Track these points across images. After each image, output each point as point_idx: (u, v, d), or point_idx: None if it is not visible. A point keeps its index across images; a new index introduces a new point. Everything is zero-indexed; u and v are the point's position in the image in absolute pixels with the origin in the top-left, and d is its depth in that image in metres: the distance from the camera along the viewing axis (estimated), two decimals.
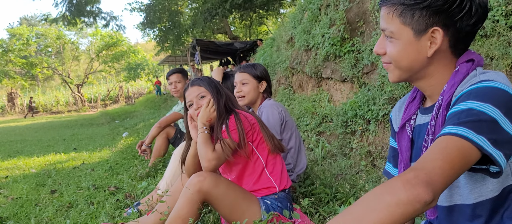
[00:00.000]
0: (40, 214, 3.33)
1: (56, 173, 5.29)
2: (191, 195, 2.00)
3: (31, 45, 36.53)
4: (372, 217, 0.92)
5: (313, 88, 6.13)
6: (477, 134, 0.97)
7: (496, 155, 0.97)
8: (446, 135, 1.01)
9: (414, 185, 0.90)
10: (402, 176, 0.93)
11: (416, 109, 1.34)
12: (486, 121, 0.98)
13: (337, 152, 4.27)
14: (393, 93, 3.84)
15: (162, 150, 4.63)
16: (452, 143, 0.98)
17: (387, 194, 0.92)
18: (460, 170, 0.97)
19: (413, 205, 0.89)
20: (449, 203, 1.22)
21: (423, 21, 1.14)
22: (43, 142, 10.16)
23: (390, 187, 0.93)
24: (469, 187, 1.15)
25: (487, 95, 1.03)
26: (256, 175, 2.32)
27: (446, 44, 1.16)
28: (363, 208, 0.95)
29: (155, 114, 15.69)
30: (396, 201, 0.90)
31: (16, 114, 33.00)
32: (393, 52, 1.21)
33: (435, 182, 0.92)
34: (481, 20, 1.14)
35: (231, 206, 2.08)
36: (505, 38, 2.89)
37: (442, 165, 0.94)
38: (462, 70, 1.15)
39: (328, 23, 5.48)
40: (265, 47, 10.17)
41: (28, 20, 56.61)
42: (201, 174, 2.05)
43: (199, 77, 2.49)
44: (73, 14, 23.35)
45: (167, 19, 24.20)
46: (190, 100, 2.40)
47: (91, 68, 40.43)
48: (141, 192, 3.60)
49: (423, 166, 0.95)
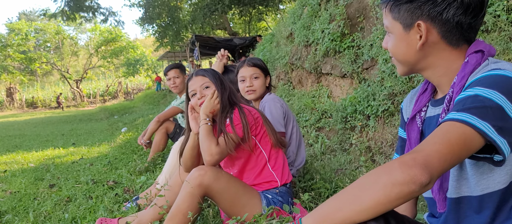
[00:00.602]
0: (39, 208, 3.32)
1: (54, 167, 5.28)
2: (191, 189, 1.99)
3: (30, 40, 36.44)
4: (367, 195, 0.94)
5: (312, 84, 6.12)
6: (481, 120, 0.96)
7: (500, 142, 0.96)
8: (449, 120, 1.00)
9: (411, 166, 0.91)
10: (400, 158, 0.95)
11: (427, 101, 1.33)
12: (492, 107, 0.98)
13: (336, 147, 4.26)
14: (393, 89, 3.83)
15: (161, 144, 4.61)
16: (454, 128, 0.98)
17: (384, 175, 0.94)
18: (459, 155, 0.97)
19: (408, 186, 0.91)
20: (457, 195, 1.21)
21: (409, 15, 1.18)
22: (41, 136, 10.14)
23: (387, 168, 0.95)
24: (476, 179, 1.14)
25: (494, 82, 1.02)
26: (258, 169, 2.31)
27: (437, 35, 1.17)
28: (359, 187, 0.97)
29: (154, 109, 15.68)
30: (392, 181, 0.92)
31: (14, 109, 32.96)
32: (389, 46, 1.28)
33: (432, 165, 0.93)
34: (474, 10, 1.14)
35: (231, 200, 2.07)
36: (506, 33, 2.88)
37: (441, 149, 0.95)
38: (472, 61, 1.14)
39: (328, 18, 5.46)
40: (265, 43, 10.15)
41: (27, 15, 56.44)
42: (201, 168, 2.03)
43: (203, 68, 2.47)
44: (72, 9, 23.27)
45: (166, 14, 24.13)
46: (193, 89, 2.37)
47: (90, 63, 40.36)
48: (140, 186, 3.59)
49: (421, 149, 0.96)
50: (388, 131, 3.77)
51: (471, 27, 1.17)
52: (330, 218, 0.99)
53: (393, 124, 3.74)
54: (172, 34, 24.42)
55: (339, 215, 0.97)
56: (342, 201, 0.98)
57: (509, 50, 2.83)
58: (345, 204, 0.97)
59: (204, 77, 2.38)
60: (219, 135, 2.23)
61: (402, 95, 3.74)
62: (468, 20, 1.15)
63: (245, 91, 2.86)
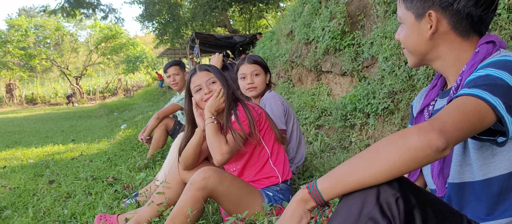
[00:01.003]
0: (38, 204, 3.32)
1: (54, 163, 5.28)
2: (195, 192, 1.98)
3: (30, 37, 36.34)
4: (382, 158, 0.95)
5: (312, 82, 6.12)
6: (493, 96, 0.97)
7: (508, 120, 0.97)
8: (462, 95, 1.01)
9: (428, 131, 0.92)
10: (417, 125, 0.95)
11: (436, 95, 1.35)
12: (502, 85, 0.99)
13: (336, 145, 4.26)
14: (393, 87, 3.83)
15: (161, 141, 4.61)
16: (468, 101, 0.99)
17: (399, 139, 0.95)
18: (475, 125, 0.98)
19: (424, 150, 0.92)
20: (460, 180, 1.21)
21: (421, 5, 1.21)
22: (41, 133, 10.14)
23: (404, 133, 0.95)
24: (479, 163, 1.14)
25: (505, 65, 1.03)
26: (260, 165, 2.31)
27: (447, 26, 1.20)
28: (374, 150, 0.98)
29: (153, 106, 15.67)
30: (408, 145, 0.92)
31: (14, 105, 32.93)
32: (401, 36, 1.30)
33: (449, 130, 0.93)
34: (485, 3, 1.16)
35: (235, 201, 2.07)
36: (507, 31, 2.88)
37: (458, 117, 0.96)
38: (482, 51, 1.16)
39: (329, 16, 5.46)
40: (265, 41, 10.14)
41: (27, 11, 56.37)
42: (206, 171, 2.01)
43: (205, 64, 2.45)
44: (72, 6, 23.23)
45: (166, 11, 24.08)
46: (198, 84, 2.32)
47: (90, 60, 40.29)
48: (139, 183, 3.60)
49: (439, 117, 0.97)
50: (387, 129, 3.77)
51: (482, 20, 1.19)
52: (344, 180, 1.00)
53: (392, 122, 3.74)
54: (172, 31, 24.38)
55: (354, 177, 0.98)
56: (357, 164, 0.99)
57: (509, 49, 2.83)
58: (359, 167, 0.98)
59: (209, 72, 2.35)
60: (226, 132, 2.22)
61: (402, 93, 3.74)
62: (479, 12, 1.17)
63: (245, 89, 2.86)
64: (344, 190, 1.01)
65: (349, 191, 1.00)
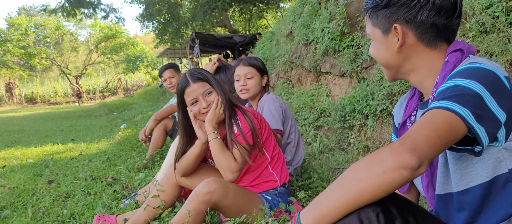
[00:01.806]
0: (37, 204, 3.33)
1: (53, 163, 5.29)
2: (199, 204, 1.96)
3: (30, 36, 36.32)
4: (362, 185, 0.96)
5: (311, 82, 6.13)
6: (461, 106, 0.98)
7: (479, 129, 0.98)
8: (432, 108, 1.02)
9: (400, 152, 0.93)
10: (390, 145, 0.97)
11: (416, 106, 1.35)
12: (472, 95, 1.00)
13: (334, 146, 4.27)
14: (391, 89, 3.84)
15: (160, 142, 4.62)
16: (439, 115, 1.00)
17: (375, 163, 0.96)
18: (447, 139, 0.99)
19: (400, 172, 0.93)
20: (444, 191, 1.22)
21: (386, 20, 1.24)
22: (41, 132, 10.14)
23: (379, 156, 0.96)
24: (460, 173, 1.15)
25: (473, 74, 1.04)
26: (259, 171, 2.30)
27: (413, 37, 1.22)
28: (353, 178, 0.99)
29: (153, 106, 15.67)
30: (384, 169, 0.94)
31: (14, 104, 32.93)
32: (371, 52, 1.34)
33: (420, 148, 0.95)
34: (449, 11, 1.18)
35: (238, 211, 2.05)
36: (505, 34, 2.89)
37: (428, 133, 0.97)
38: (452, 60, 1.17)
39: (328, 17, 5.47)
40: (265, 41, 10.14)
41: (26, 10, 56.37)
42: (211, 184, 1.98)
43: (196, 70, 2.35)
44: (72, 5, 23.20)
45: (166, 11, 24.08)
46: (194, 97, 2.24)
47: (90, 59, 40.26)
48: (138, 183, 3.60)
49: (410, 135, 0.98)
50: (386, 131, 3.78)
51: (447, 28, 1.21)
52: (327, 210, 1.01)
53: (391, 124, 3.75)
54: (172, 31, 24.37)
55: (337, 209, 0.99)
56: (338, 192, 1.00)
57: (507, 51, 2.84)
58: (341, 195, 0.99)
59: (203, 82, 2.27)
60: (231, 146, 2.20)
61: (401, 95, 3.75)
62: (443, 21, 1.19)
63: (239, 90, 2.87)
64: (327, 221, 1.01)
65: (333, 220, 1.01)
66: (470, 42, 3.13)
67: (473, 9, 3.17)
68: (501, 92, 1.03)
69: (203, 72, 2.32)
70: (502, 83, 1.05)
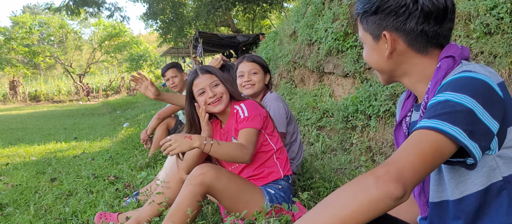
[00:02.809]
0: (40, 201, 3.34)
1: (56, 161, 5.31)
2: (192, 187, 2.00)
3: (34, 34, 36.50)
4: (345, 213, 0.94)
5: (314, 82, 6.12)
6: (452, 125, 0.97)
7: (472, 146, 0.97)
8: (421, 128, 1.01)
9: (385, 181, 0.92)
10: (374, 171, 0.95)
11: (412, 106, 1.35)
12: (462, 111, 0.98)
13: (337, 147, 4.27)
14: (394, 90, 3.84)
15: None
16: (426, 137, 0.99)
17: (360, 192, 0.94)
18: (433, 164, 0.98)
19: (384, 202, 0.92)
20: (439, 199, 1.21)
21: (376, 26, 1.23)
22: (44, 130, 10.18)
23: (362, 184, 0.95)
24: (455, 182, 1.14)
25: (464, 86, 1.03)
26: (264, 158, 2.31)
27: (403, 44, 1.21)
28: (336, 205, 0.97)
29: (156, 105, 15.67)
30: (369, 199, 0.93)
31: (18, 102, 33.06)
32: (364, 56, 1.33)
33: (405, 177, 0.94)
34: (437, 18, 1.17)
35: (233, 198, 2.07)
36: (509, 35, 2.88)
37: (414, 160, 0.96)
38: (443, 66, 1.16)
39: (332, 17, 5.46)
40: (268, 41, 10.14)
41: (31, 8, 56.51)
42: (203, 167, 2.03)
43: (205, 65, 2.46)
44: (76, 4, 23.24)
45: (170, 10, 24.11)
46: (202, 88, 2.32)
47: (94, 58, 40.41)
48: (141, 182, 3.61)
49: (395, 161, 0.97)
50: (389, 131, 3.77)
51: (438, 34, 1.19)
52: None
53: (393, 125, 3.74)
54: (175, 30, 24.39)
55: None
56: (322, 216, 0.97)
57: (511, 53, 2.83)
58: (324, 220, 0.96)
59: (211, 75, 2.36)
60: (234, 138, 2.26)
61: None
62: (432, 28, 1.18)
63: (242, 86, 2.86)
64: None
65: None
66: (474, 44, 3.12)
67: (477, 10, 3.15)
68: (493, 101, 1.02)
69: (212, 68, 2.43)
70: (494, 92, 1.03)
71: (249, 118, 2.22)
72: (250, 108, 2.27)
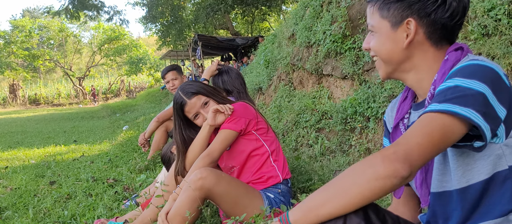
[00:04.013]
0: (39, 205, 3.34)
1: (55, 164, 5.31)
2: (192, 192, 1.98)
3: (34, 37, 36.50)
4: (353, 190, 1.00)
5: (313, 85, 6.13)
6: (464, 107, 0.99)
7: (485, 127, 0.99)
8: (430, 112, 1.03)
9: (392, 161, 0.96)
10: (383, 151, 0.99)
11: (409, 108, 1.35)
12: (473, 95, 1.00)
13: (336, 149, 4.27)
14: (393, 91, 3.84)
15: (161, 143, 4.62)
16: (434, 120, 1.01)
17: (367, 168, 0.99)
18: (439, 146, 1.00)
19: (390, 180, 0.96)
20: (442, 189, 1.22)
21: (398, 13, 1.21)
22: (43, 133, 10.17)
23: (371, 162, 0.99)
24: (461, 170, 1.14)
25: (473, 72, 1.04)
26: (260, 163, 2.31)
27: (422, 35, 1.21)
28: (345, 181, 1.02)
29: (156, 108, 15.70)
30: (376, 176, 0.97)
31: (17, 106, 33.05)
32: (374, 45, 1.29)
33: (412, 157, 0.97)
34: (459, 14, 1.18)
35: (233, 202, 2.06)
36: (507, 37, 2.88)
37: (421, 141, 0.99)
38: (451, 58, 1.17)
39: (330, 20, 5.47)
40: (267, 43, 10.15)
41: (30, 12, 56.53)
42: (202, 172, 2.02)
43: (187, 85, 2.45)
44: (75, 8, 23.26)
45: (169, 14, 24.15)
46: (195, 112, 2.40)
47: (93, 61, 40.42)
48: (140, 184, 3.61)
49: (403, 142, 1.00)
50: None
51: (453, 30, 1.21)
52: (316, 212, 1.04)
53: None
54: (175, 33, 24.43)
55: (326, 208, 1.03)
56: (329, 195, 1.03)
57: (509, 54, 2.83)
58: (331, 198, 1.03)
59: (198, 96, 2.39)
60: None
61: None
62: (452, 23, 1.19)
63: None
64: (316, 221, 1.04)
65: (321, 221, 1.04)
66: (471, 45, 3.12)
67: (475, 12, 3.16)
68: (502, 88, 1.04)
69: (194, 86, 2.43)
70: (502, 80, 1.05)
71: (228, 120, 2.28)
72: (234, 111, 2.31)
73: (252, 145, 2.31)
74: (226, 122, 2.27)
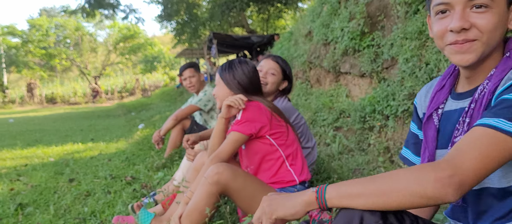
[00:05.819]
0: (59, 201, 3.38)
1: (74, 162, 5.35)
2: (209, 186, 2.00)
3: (50, 36, 37.00)
4: (393, 196, 0.96)
5: (330, 83, 6.08)
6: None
7: None
8: (483, 126, 0.98)
9: (445, 186, 0.92)
10: (438, 170, 0.94)
11: (445, 98, 1.29)
12: None
13: (354, 147, 4.22)
14: (413, 89, 3.78)
15: (178, 141, 4.61)
16: (496, 140, 0.96)
17: (416, 183, 0.94)
18: (495, 169, 0.97)
19: (436, 201, 0.93)
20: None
21: None
22: (61, 131, 10.28)
23: (421, 179, 0.94)
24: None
25: None
26: (276, 167, 2.29)
27: None
28: (389, 184, 0.98)
29: (171, 106, 15.76)
30: (422, 194, 0.93)
31: (34, 104, 33.51)
32: (487, 22, 1.09)
33: (467, 185, 0.94)
34: None
35: (249, 198, 2.06)
36: None
37: (479, 167, 0.94)
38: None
39: (348, 16, 5.42)
40: (283, 41, 10.12)
41: (47, 11, 57.17)
42: (219, 167, 2.03)
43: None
44: (92, 6, 23.53)
45: (184, 11, 24.20)
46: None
47: (109, 60, 40.85)
48: (158, 182, 3.62)
49: (460, 164, 0.94)
50: (407, 132, 3.72)
51: None
52: (350, 200, 1.02)
53: None
54: (190, 31, 24.47)
55: (360, 200, 1.00)
56: (369, 190, 1.00)
57: None
58: (370, 195, 1.00)
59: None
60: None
61: None
62: None
63: None
64: (347, 206, 1.03)
65: (351, 208, 1.03)
66: None
67: None
68: None
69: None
70: None
71: (239, 122, 2.25)
72: (246, 113, 2.25)
73: (266, 149, 2.29)
74: (237, 124, 2.24)
